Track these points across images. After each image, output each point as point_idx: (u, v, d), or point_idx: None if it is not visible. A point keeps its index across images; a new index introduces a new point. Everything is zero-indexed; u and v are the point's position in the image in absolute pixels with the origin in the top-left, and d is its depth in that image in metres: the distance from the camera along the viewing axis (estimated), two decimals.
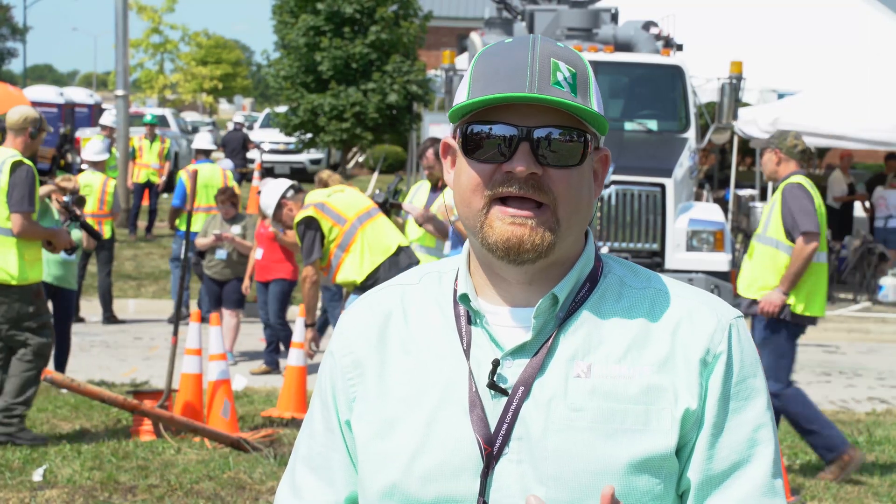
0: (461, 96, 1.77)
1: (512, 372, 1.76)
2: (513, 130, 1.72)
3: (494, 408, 1.74)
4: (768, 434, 1.77)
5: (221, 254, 11.18)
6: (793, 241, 7.26)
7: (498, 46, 1.78)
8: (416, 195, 9.24)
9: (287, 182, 8.74)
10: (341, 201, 8.23)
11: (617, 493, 1.69)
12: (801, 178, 7.30)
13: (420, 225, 8.77)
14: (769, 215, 7.46)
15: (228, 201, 11.26)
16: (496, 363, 1.75)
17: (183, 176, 13.42)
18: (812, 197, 7.24)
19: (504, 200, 1.74)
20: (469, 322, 1.81)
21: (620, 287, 1.82)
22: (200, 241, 11.23)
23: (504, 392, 1.74)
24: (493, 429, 1.73)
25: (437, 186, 9.05)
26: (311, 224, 8.07)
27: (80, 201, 10.22)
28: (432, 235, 8.86)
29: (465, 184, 1.77)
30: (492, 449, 1.72)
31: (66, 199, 9.94)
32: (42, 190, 9.88)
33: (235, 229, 11.19)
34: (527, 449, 1.72)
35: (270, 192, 8.65)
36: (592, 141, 1.77)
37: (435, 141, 9.37)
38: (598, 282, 1.82)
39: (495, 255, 1.75)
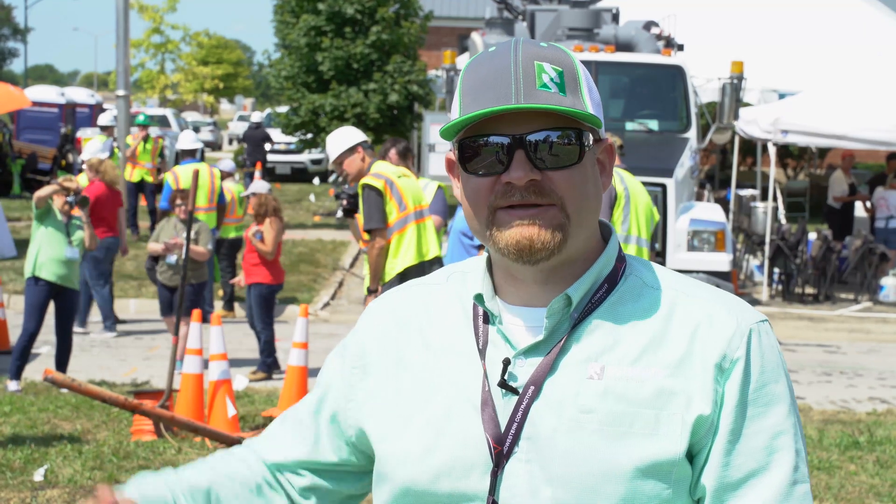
0: (454, 113, 1.77)
1: (524, 371, 1.76)
2: (506, 140, 1.73)
3: (505, 407, 1.75)
4: (788, 441, 1.74)
5: (171, 259, 10.85)
6: None
7: (482, 57, 1.78)
8: None
9: (362, 134, 8.39)
10: (407, 187, 8.09)
11: (623, 497, 1.69)
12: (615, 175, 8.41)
13: None
14: None
15: (185, 202, 10.89)
16: (507, 362, 1.76)
17: (169, 178, 13.38)
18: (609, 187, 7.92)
19: (509, 206, 1.74)
20: (486, 322, 1.82)
21: (641, 289, 1.80)
22: (151, 247, 10.97)
23: (515, 391, 1.75)
24: (503, 428, 1.74)
25: None
26: (377, 192, 7.95)
27: (84, 201, 10.22)
28: None
29: (470, 197, 1.78)
30: (502, 448, 1.73)
31: (69, 199, 9.95)
32: (45, 190, 9.89)
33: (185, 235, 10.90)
34: (536, 448, 1.73)
35: (345, 135, 8.27)
36: (588, 136, 1.77)
37: (396, 142, 9.30)
38: (618, 283, 1.81)
39: (509, 258, 1.75)
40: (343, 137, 8.27)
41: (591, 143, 1.78)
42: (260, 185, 11.37)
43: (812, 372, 11.72)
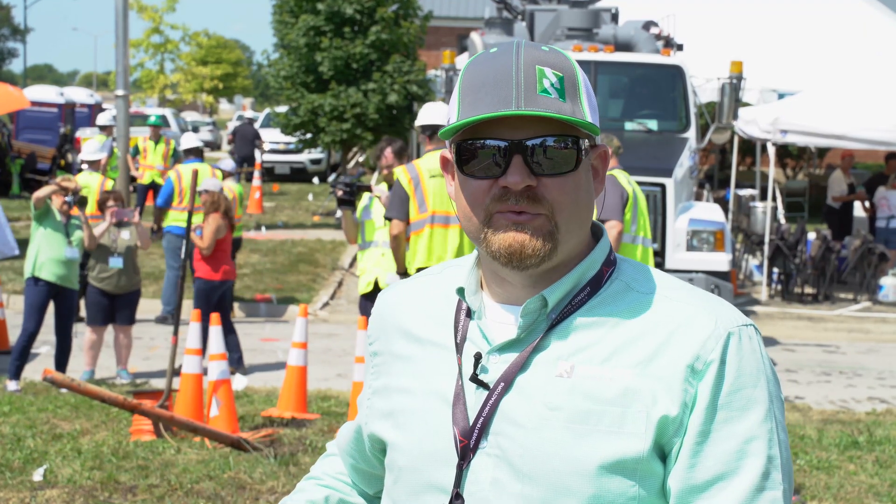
0: (452, 114, 1.78)
1: (497, 367, 1.78)
2: (504, 144, 1.74)
3: (476, 401, 1.78)
4: (761, 447, 1.71)
5: (116, 262, 10.46)
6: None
7: (483, 58, 1.79)
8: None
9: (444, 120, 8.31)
10: (433, 189, 7.98)
11: (589, 494, 1.70)
12: (616, 172, 8.52)
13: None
14: None
15: (118, 203, 10.73)
16: (478, 357, 1.79)
17: (172, 176, 13.42)
18: (621, 187, 8.29)
19: (504, 211, 1.76)
20: (468, 316, 1.85)
21: (625, 292, 1.81)
22: (93, 233, 10.39)
23: (486, 386, 1.78)
24: (471, 422, 1.77)
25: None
26: (402, 186, 7.89)
27: (82, 201, 10.21)
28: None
29: (465, 199, 1.80)
30: (468, 442, 1.76)
31: (67, 199, 9.94)
32: (43, 191, 9.89)
33: (125, 235, 10.57)
34: (503, 444, 1.75)
35: (438, 113, 8.17)
36: (585, 143, 1.78)
37: (391, 141, 9.27)
38: (602, 287, 1.81)
39: (499, 262, 1.77)
40: (437, 113, 8.24)
41: (587, 149, 1.79)
42: (212, 183, 11.29)
43: (811, 372, 11.72)
